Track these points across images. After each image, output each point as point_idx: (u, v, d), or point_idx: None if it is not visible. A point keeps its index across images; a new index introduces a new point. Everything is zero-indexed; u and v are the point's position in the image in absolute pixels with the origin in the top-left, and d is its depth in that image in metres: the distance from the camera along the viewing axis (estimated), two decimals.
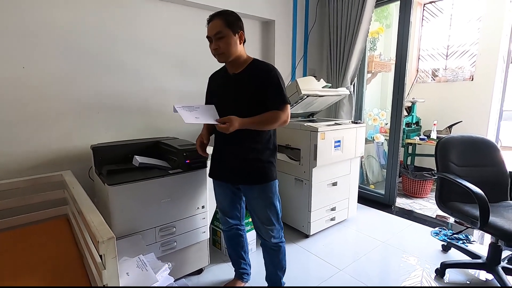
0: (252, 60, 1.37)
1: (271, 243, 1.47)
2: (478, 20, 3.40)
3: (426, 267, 1.89)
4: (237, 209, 1.58)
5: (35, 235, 1.41)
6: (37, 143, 1.65)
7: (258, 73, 1.33)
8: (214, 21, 1.27)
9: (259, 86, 1.31)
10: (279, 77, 1.33)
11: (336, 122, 2.33)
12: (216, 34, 1.26)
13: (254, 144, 1.37)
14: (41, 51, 1.60)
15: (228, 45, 1.28)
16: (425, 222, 2.53)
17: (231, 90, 1.37)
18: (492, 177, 1.87)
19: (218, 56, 1.32)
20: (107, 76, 1.83)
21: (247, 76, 1.34)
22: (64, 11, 1.64)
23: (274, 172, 1.42)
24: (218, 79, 1.49)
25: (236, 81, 1.36)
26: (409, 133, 3.43)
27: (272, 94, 1.31)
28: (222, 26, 1.26)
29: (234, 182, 1.46)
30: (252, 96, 1.32)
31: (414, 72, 3.99)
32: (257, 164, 1.38)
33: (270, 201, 1.41)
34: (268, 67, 1.34)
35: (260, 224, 1.45)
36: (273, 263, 1.53)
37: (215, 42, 1.28)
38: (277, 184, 1.44)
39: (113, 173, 1.45)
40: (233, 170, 1.41)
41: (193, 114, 1.24)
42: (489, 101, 3.24)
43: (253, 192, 1.42)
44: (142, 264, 1.11)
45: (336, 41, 2.76)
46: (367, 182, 3.45)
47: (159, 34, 2.01)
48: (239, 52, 1.33)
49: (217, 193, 1.57)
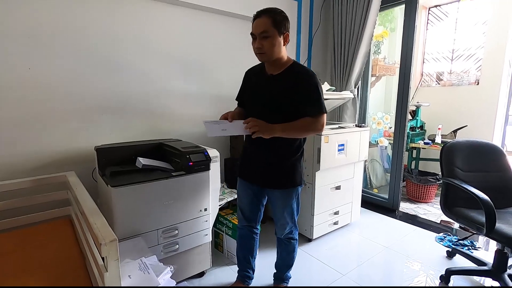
0: (292, 63, 1.34)
1: (285, 236, 1.55)
2: (484, 24, 3.38)
3: (430, 273, 1.87)
4: (255, 213, 1.58)
5: (38, 235, 1.41)
6: (42, 143, 1.65)
7: (296, 76, 1.29)
8: (262, 18, 1.23)
9: (296, 91, 1.27)
10: (318, 84, 1.30)
11: (340, 125, 2.32)
12: (262, 32, 1.22)
13: (284, 150, 1.38)
14: (47, 52, 1.61)
15: (273, 46, 1.24)
16: (430, 228, 2.50)
17: (266, 90, 1.34)
18: (498, 183, 1.84)
19: (260, 56, 1.28)
20: (112, 77, 1.84)
21: (284, 79, 1.31)
22: (69, 12, 1.65)
23: (300, 177, 1.43)
24: (253, 77, 1.45)
25: (273, 82, 1.33)
26: (414, 137, 3.41)
27: (309, 100, 1.28)
28: (269, 25, 1.22)
29: (260, 185, 1.47)
30: (287, 99, 1.29)
31: (419, 75, 3.97)
32: (286, 169, 1.39)
33: (290, 203, 1.45)
34: (308, 72, 1.31)
35: (277, 220, 1.52)
36: (283, 258, 1.61)
37: (259, 41, 1.24)
38: (301, 188, 1.48)
39: (116, 175, 1.45)
40: (261, 173, 1.43)
41: (219, 127, 1.26)
42: (495, 106, 3.21)
43: (278, 194, 1.45)
44: (144, 266, 1.10)
45: (340, 44, 2.76)
46: (370, 186, 3.43)
47: (164, 36, 2.02)
48: (281, 53, 1.29)
49: (239, 190, 1.59)
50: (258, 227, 1.66)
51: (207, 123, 1.25)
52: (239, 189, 1.58)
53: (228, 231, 1.96)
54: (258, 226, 1.65)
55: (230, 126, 1.26)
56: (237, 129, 1.26)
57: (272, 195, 1.48)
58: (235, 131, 1.27)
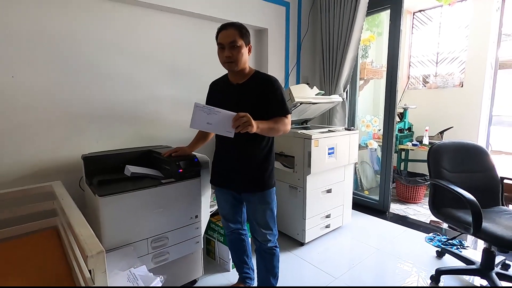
0: (255, 72, 1.44)
1: (267, 246, 1.52)
2: (466, 28, 3.48)
3: (421, 274, 1.89)
4: (238, 214, 1.63)
5: (23, 247, 1.36)
6: (26, 153, 1.61)
7: (262, 84, 1.39)
8: (229, 30, 1.32)
9: (262, 97, 1.37)
10: (281, 89, 1.41)
11: (329, 129, 2.34)
12: (231, 42, 1.31)
13: (256, 152, 1.43)
14: (30, 60, 1.58)
15: (241, 55, 1.34)
16: (419, 228, 2.54)
17: (233, 99, 1.41)
18: (483, 183, 1.89)
19: (229, 65, 1.36)
20: (98, 84, 1.81)
21: (251, 87, 1.40)
22: (54, 19, 1.63)
23: (273, 179, 1.50)
24: (219, 88, 1.53)
25: (239, 91, 1.41)
26: (402, 139, 3.47)
27: (275, 104, 1.38)
28: (237, 36, 1.31)
29: (235, 190, 1.50)
30: (255, 106, 1.37)
31: (405, 78, 4.05)
32: (258, 172, 1.44)
33: (269, 207, 1.48)
34: (271, 78, 1.41)
35: (258, 228, 1.50)
36: (267, 268, 1.56)
37: (229, 50, 1.32)
38: (275, 190, 1.51)
39: (104, 184, 1.42)
40: (234, 178, 1.46)
41: (206, 119, 1.23)
42: (479, 107, 3.31)
43: (254, 198, 1.47)
44: (133, 277, 1.08)
45: (329, 49, 2.80)
46: (361, 188, 3.46)
47: (152, 42, 2.00)
48: (247, 63, 1.41)
49: (218, 198, 1.62)
50: (245, 227, 1.68)
51: (198, 108, 1.22)
52: (218, 197, 1.62)
53: (220, 238, 1.94)
54: (245, 226, 1.68)
55: (218, 120, 1.23)
56: (224, 124, 1.23)
57: (251, 200, 1.48)
58: (219, 128, 1.24)
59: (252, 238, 1.58)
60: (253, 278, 1.74)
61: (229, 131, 1.24)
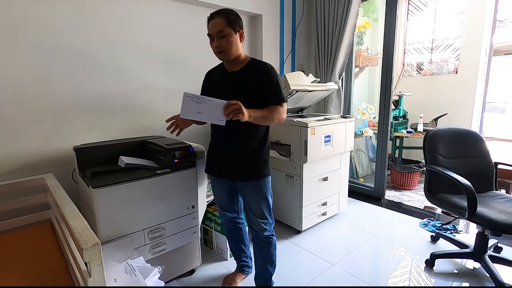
0: (250, 59, 1.40)
1: (263, 235, 1.51)
2: (461, 14, 3.46)
3: (416, 258, 1.92)
4: (235, 203, 1.61)
5: (17, 241, 1.34)
6: (15, 146, 1.56)
7: (257, 71, 1.36)
8: (216, 19, 1.28)
9: (257, 85, 1.34)
10: (277, 76, 1.37)
11: (325, 117, 2.33)
12: (219, 32, 1.28)
13: (250, 141, 1.41)
14: (16, 50, 1.51)
15: (230, 44, 1.30)
16: (414, 214, 2.58)
17: (228, 87, 1.39)
18: (478, 168, 1.91)
19: (220, 54, 1.33)
20: (88, 75, 1.75)
21: (246, 74, 1.37)
22: (41, 8, 1.55)
23: (268, 168, 1.47)
24: (215, 76, 1.50)
25: (234, 79, 1.38)
26: (397, 126, 3.48)
27: (271, 92, 1.35)
28: (224, 24, 1.27)
29: (230, 178, 1.49)
30: (250, 93, 1.34)
31: (400, 65, 4.03)
32: (253, 161, 1.42)
33: (264, 196, 1.46)
34: (266, 66, 1.37)
35: (253, 218, 1.49)
36: (264, 257, 1.56)
37: (217, 40, 1.29)
38: (270, 179, 1.49)
39: (97, 175, 1.39)
40: (229, 167, 1.45)
41: (196, 108, 1.19)
42: (472, 94, 3.32)
43: (249, 188, 1.46)
44: (130, 269, 1.07)
45: (324, 36, 2.75)
46: (356, 176, 3.48)
47: (142, 30, 1.94)
48: (239, 50, 1.36)
49: (214, 188, 1.60)
50: (242, 216, 1.68)
51: (187, 97, 1.18)
52: (214, 187, 1.60)
53: (217, 227, 1.94)
54: (242, 215, 1.68)
55: (208, 108, 1.20)
56: (215, 113, 1.20)
57: (246, 190, 1.47)
58: (211, 117, 1.21)
59: (249, 227, 1.58)
60: (251, 266, 1.75)
61: (220, 119, 1.21)
